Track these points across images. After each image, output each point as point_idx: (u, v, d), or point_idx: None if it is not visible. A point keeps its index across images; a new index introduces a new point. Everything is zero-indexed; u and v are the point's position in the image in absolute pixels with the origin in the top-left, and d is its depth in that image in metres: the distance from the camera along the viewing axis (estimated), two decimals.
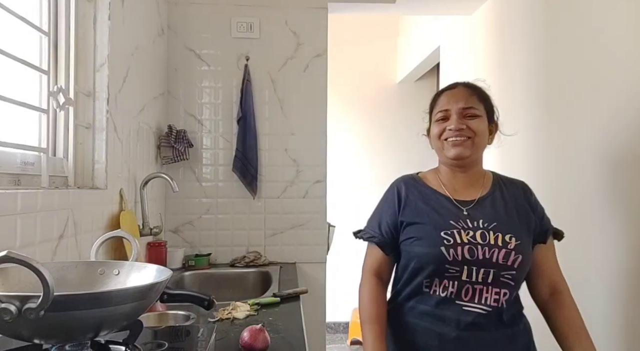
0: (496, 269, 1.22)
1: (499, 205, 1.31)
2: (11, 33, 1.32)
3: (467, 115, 1.29)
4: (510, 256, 1.22)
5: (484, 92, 1.35)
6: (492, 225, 1.26)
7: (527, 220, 1.29)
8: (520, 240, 1.24)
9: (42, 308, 0.69)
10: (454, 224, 1.26)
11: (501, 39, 2.53)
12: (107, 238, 1.15)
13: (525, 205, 1.32)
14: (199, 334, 1.11)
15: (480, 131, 1.29)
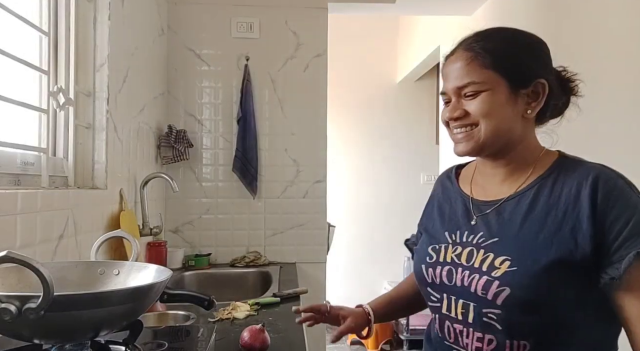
0: (476, 303, 0.85)
1: (523, 209, 0.87)
2: (11, 33, 1.32)
3: (466, 95, 0.90)
4: (491, 287, 0.83)
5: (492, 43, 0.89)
6: (491, 240, 0.88)
7: (560, 236, 0.81)
8: (519, 266, 0.81)
9: (42, 308, 0.69)
10: (447, 236, 0.96)
11: None
12: (107, 238, 1.15)
13: (569, 212, 0.82)
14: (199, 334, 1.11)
15: (484, 112, 0.87)
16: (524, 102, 0.89)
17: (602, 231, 0.78)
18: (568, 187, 0.85)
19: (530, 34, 0.94)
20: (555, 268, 0.79)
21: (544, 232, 0.83)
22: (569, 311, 0.81)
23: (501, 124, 0.88)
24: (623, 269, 0.76)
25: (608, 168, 0.86)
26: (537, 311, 0.80)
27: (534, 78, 0.88)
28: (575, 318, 0.81)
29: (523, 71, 0.88)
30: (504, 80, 0.87)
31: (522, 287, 0.80)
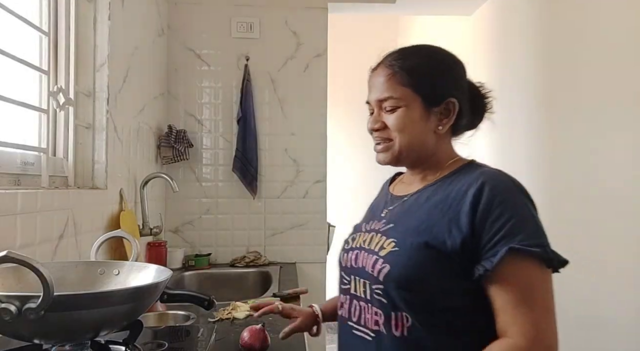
0: (369, 281, 0.93)
1: (419, 203, 0.96)
2: (11, 33, 1.31)
3: (386, 108, 0.97)
4: (377, 264, 0.90)
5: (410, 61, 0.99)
6: (388, 226, 0.97)
7: (440, 225, 0.88)
8: (400, 247, 0.89)
9: (42, 308, 0.69)
10: (363, 226, 1.05)
11: (501, 39, 2.53)
12: (107, 238, 1.15)
13: (453, 208, 0.89)
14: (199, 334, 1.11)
15: (403, 126, 0.95)
16: (436, 118, 0.97)
17: (482, 228, 0.84)
18: (459, 186, 0.91)
19: (448, 53, 1.04)
20: (427, 252, 0.87)
21: (428, 220, 0.91)
22: (440, 295, 0.87)
23: (414, 139, 0.96)
24: (495, 262, 0.81)
25: (503, 174, 0.92)
26: (411, 289, 0.87)
27: (446, 97, 0.96)
28: (448, 303, 0.87)
29: (436, 91, 0.96)
30: (418, 97, 0.95)
31: (398, 265, 0.88)
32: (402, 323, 0.88)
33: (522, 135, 2.27)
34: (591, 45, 1.76)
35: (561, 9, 1.96)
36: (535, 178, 2.14)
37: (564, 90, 1.94)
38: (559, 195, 1.96)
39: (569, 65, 1.90)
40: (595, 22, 1.74)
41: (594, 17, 1.75)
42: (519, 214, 0.85)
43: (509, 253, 0.81)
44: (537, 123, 2.14)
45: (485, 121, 1.06)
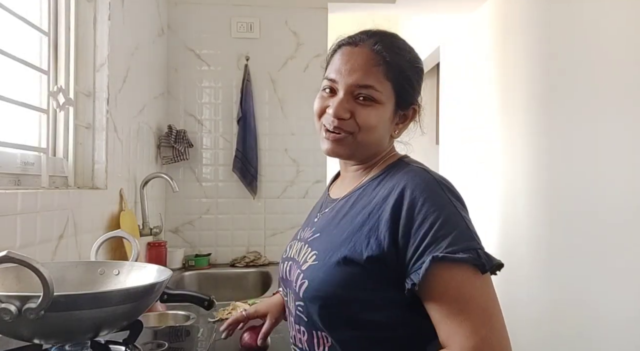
0: (294, 295, 0.88)
1: (345, 209, 0.89)
2: (11, 33, 1.31)
3: (360, 96, 0.86)
4: (299, 279, 0.85)
5: (398, 56, 0.89)
6: (315, 236, 0.90)
7: (358, 235, 0.81)
8: (319, 260, 0.83)
9: (42, 308, 0.69)
10: (299, 232, 0.99)
11: (501, 39, 2.53)
12: (107, 238, 1.15)
13: (374, 214, 0.82)
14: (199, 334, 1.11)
15: (370, 126, 0.86)
16: (396, 122, 0.91)
17: (407, 237, 0.77)
18: (383, 190, 0.84)
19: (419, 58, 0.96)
20: (346, 267, 0.79)
21: (349, 229, 0.83)
22: (361, 310, 0.79)
23: (375, 140, 0.89)
24: (421, 275, 0.74)
25: (424, 172, 0.84)
26: (329, 305, 0.80)
27: (413, 103, 0.91)
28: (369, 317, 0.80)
29: (408, 95, 0.90)
30: (394, 97, 0.88)
31: (315, 280, 0.81)
32: (323, 343, 0.83)
33: (522, 135, 2.27)
34: (591, 45, 1.76)
35: (561, 8, 1.96)
36: (535, 178, 2.14)
37: (564, 89, 1.94)
38: (558, 194, 1.96)
39: (569, 65, 1.90)
40: (596, 22, 1.74)
41: (594, 16, 1.75)
42: (443, 216, 0.76)
43: (433, 263, 0.73)
44: (537, 123, 2.14)
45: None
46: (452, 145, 3.29)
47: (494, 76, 2.60)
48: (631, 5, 1.56)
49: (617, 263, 1.62)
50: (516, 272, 2.29)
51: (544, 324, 2.05)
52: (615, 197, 1.63)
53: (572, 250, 1.87)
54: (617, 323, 1.61)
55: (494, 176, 2.57)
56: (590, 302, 1.74)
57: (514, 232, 2.34)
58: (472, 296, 0.75)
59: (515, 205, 2.33)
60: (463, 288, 0.75)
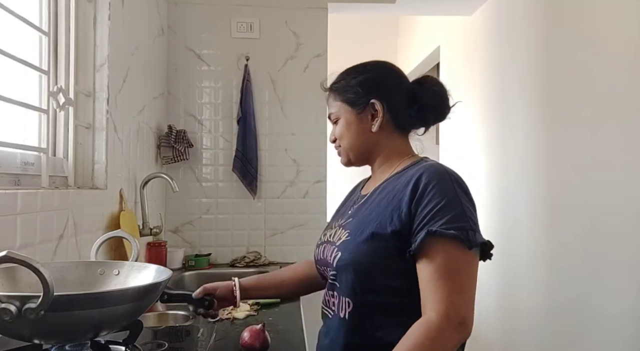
0: (329, 267, 1.07)
1: (373, 198, 1.09)
2: (11, 33, 1.31)
3: (333, 122, 1.17)
4: (332, 252, 1.05)
5: (344, 80, 1.15)
6: (349, 220, 1.10)
7: (385, 215, 1.00)
8: (352, 236, 1.03)
9: (42, 308, 0.69)
10: (334, 223, 1.17)
11: (501, 39, 2.53)
12: (107, 238, 1.15)
13: (396, 197, 1.00)
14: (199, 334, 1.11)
15: (342, 134, 1.13)
16: (367, 120, 1.11)
17: (415, 214, 0.95)
18: (404, 179, 1.03)
19: (379, 66, 1.16)
20: (372, 240, 0.98)
21: (376, 211, 1.03)
22: (381, 276, 0.98)
23: (352, 141, 1.12)
24: (417, 244, 0.93)
25: (441, 166, 1.03)
26: (357, 272, 0.99)
27: (367, 101, 1.10)
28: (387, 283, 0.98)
29: (357, 97, 1.11)
30: (347, 106, 1.12)
31: (347, 251, 1.01)
32: (344, 307, 1.01)
33: (521, 135, 2.27)
34: (591, 45, 1.76)
35: (561, 8, 1.96)
36: (535, 178, 2.14)
37: (563, 90, 1.94)
38: (558, 194, 1.96)
39: (568, 65, 1.90)
40: (595, 22, 1.74)
41: (593, 16, 1.75)
42: (446, 200, 0.94)
43: (427, 235, 0.92)
44: (536, 123, 2.14)
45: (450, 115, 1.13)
46: (452, 145, 3.29)
47: (494, 76, 2.60)
48: (630, 6, 1.56)
49: (617, 263, 1.62)
50: (516, 272, 2.29)
51: (544, 323, 2.05)
52: (615, 197, 1.63)
53: (572, 250, 1.87)
54: (617, 323, 1.61)
55: (494, 176, 2.57)
56: (591, 302, 1.74)
57: (513, 231, 2.34)
58: (454, 267, 0.91)
59: (515, 205, 2.33)
60: (448, 259, 0.91)
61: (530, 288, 2.17)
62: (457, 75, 3.17)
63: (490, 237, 2.64)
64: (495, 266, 2.53)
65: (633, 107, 1.54)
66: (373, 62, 1.17)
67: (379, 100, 1.09)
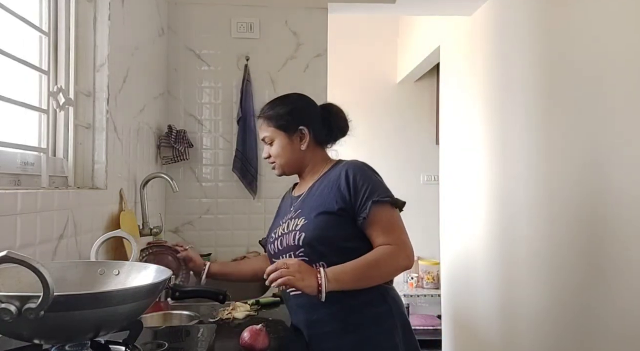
0: (293, 250, 1.37)
1: (312, 192, 1.44)
2: (11, 33, 1.31)
3: (267, 143, 1.50)
4: (296, 236, 1.36)
5: (273, 110, 1.49)
6: (297, 211, 1.43)
7: (329, 200, 1.37)
8: (307, 219, 1.37)
9: (42, 308, 0.69)
10: (280, 221, 1.49)
11: (501, 39, 2.53)
12: (107, 238, 1.15)
13: (334, 187, 1.38)
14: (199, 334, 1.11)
15: (278, 153, 1.48)
16: (297, 141, 1.48)
17: (355, 194, 1.35)
18: (334, 174, 1.43)
19: (297, 97, 1.57)
20: (324, 217, 1.36)
21: (320, 198, 1.40)
22: (341, 240, 1.35)
23: (287, 159, 1.49)
24: (368, 211, 1.33)
25: (358, 161, 1.45)
26: (322, 242, 1.34)
27: (297, 127, 1.47)
28: (347, 244, 1.35)
29: (288, 124, 1.47)
30: (281, 131, 1.48)
31: (308, 230, 1.36)
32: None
33: (521, 134, 2.27)
34: (591, 45, 1.76)
35: (561, 8, 1.96)
36: (534, 177, 2.14)
37: (563, 90, 1.94)
38: (558, 193, 1.96)
39: (568, 65, 1.90)
40: (595, 22, 1.74)
41: (593, 16, 1.75)
42: (372, 182, 1.37)
43: (373, 204, 1.33)
44: (536, 122, 2.14)
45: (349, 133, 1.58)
46: (452, 144, 3.29)
47: (494, 76, 2.60)
48: (630, 6, 1.56)
49: (618, 263, 1.62)
50: (516, 270, 2.29)
51: (544, 323, 2.05)
52: (616, 196, 1.63)
53: (572, 250, 1.87)
54: (618, 323, 1.61)
55: (494, 175, 2.57)
56: (591, 302, 1.74)
57: (513, 230, 2.34)
58: (394, 220, 1.37)
59: (515, 204, 2.33)
60: (389, 217, 1.36)
61: (530, 288, 2.17)
62: (457, 75, 3.17)
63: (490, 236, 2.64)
64: (496, 266, 2.53)
65: (633, 105, 1.54)
66: (295, 95, 1.56)
67: (305, 126, 1.47)
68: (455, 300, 3.17)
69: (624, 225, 1.59)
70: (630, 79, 1.56)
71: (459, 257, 3.08)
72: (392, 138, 4.46)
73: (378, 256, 1.31)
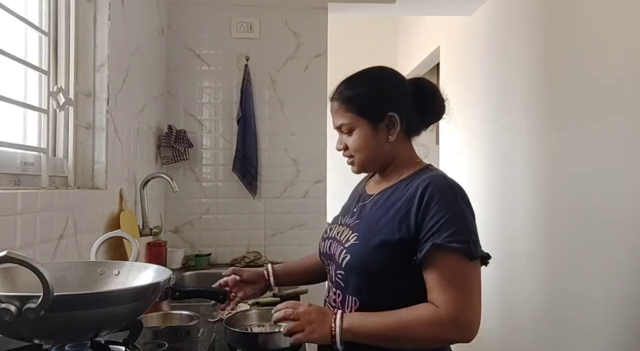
0: (335, 266, 1.14)
1: (380, 202, 1.14)
2: (11, 33, 1.31)
3: (344, 131, 1.17)
4: (342, 254, 1.11)
5: (354, 90, 1.16)
6: (355, 221, 1.16)
7: (392, 223, 1.06)
8: (361, 240, 1.09)
9: (42, 308, 0.69)
10: (340, 219, 1.24)
11: (501, 39, 2.53)
12: (107, 238, 1.15)
13: (404, 207, 1.07)
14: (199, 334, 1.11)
15: (359, 146, 1.14)
16: (384, 131, 1.14)
17: (421, 224, 1.03)
18: (411, 189, 1.08)
19: (382, 73, 1.19)
20: (382, 246, 1.05)
21: (385, 218, 1.09)
22: (387, 279, 1.06)
23: (370, 153, 1.15)
24: (423, 253, 1.00)
25: (446, 178, 1.09)
26: (363, 274, 1.07)
27: (385, 113, 1.13)
28: (392, 285, 1.06)
29: (375, 110, 1.13)
30: (364, 119, 1.14)
31: (356, 255, 1.08)
32: (351, 305, 1.09)
33: (521, 135, 2.27)
34: (591, 44, 1.76)
35: (560, 8, 1.96)
36: (534, 177, 2.14)
37: (563, 90, 1.94)
38: (557, 192, 1.96)
39: (569, 65, 1.90)
40: (595, 22, 1.74)
41: (593, 16, 1.75)
42: (450, 213, 1.01)
43: (432, 247, 0.99)
44: (536, 123, 2.14)
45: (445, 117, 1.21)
46: (452, 144, 3.29)
47: (494, 76, 2.60)
48: (630, 6, 1.56)
49: (619, 263, 1.62)
50: (516, 269, 2.29)
51: (544, 323, 2.05)
52: (616, 197, 1.63)
53: (572, 250, 1.87)
54: (618, 323, 1.61)
55: (494, 175, 2.57)
56: (591, 302, 1.74)
57: (513, 229, 2.34)
58: (460, 276, 1.00)
59: (514, 204, 2.33)
60: (453, 268, 1.00)
61: (530, 288, 2.17)
62: (457, 75, 3.17)
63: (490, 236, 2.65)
64: (496, 267, 2.53)
65: (633, 106, 1.54)
66: (377, 68, 1.20)
67: (395, 112, 1.13)
68: None
69: (623, 226, 1.59)
70: (631, 79, 1.56)
71: None
72: None
73: (412, 317, 0.99)
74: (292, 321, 1.02)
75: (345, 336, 1.00)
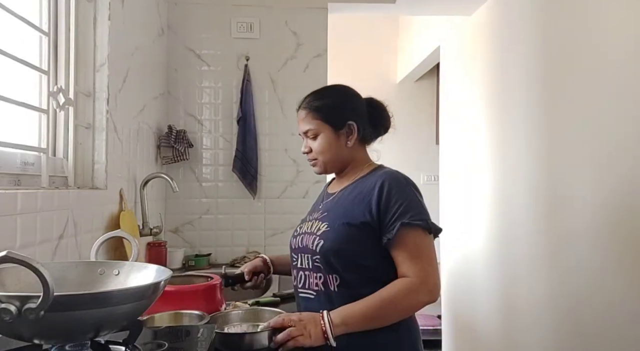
0: (310, 254, 1.30)
1: (344, 196, 1.34)
2: (11, 33, 1.31)
3: (309, 137, 1.36)
4: (315, 241, 1.28)
5: (321, 101, 1.35)
6: (324, 214, 1.34)
7: (357, 210, 1.26)
8: (332, 227, 1.27)
9: (42, 308, 0.69)
10: (308, 217, 1.43)
11: (501, 39, 2.53)
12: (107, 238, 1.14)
13: (365, 197, 1.26)
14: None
15: (322, 149, 1.34)
16: (344, 137, 1.35)
17: (385, 210, 1.23)
18: (369, 183, 1.30)
19: (346, 89, 1.41)
20: (348, 229, 1.25)
21: (349, 207, 1.29)
22: (360, 257, 1.25)
23: (332, 156, 1.36)
24: (394, 233, 1.21)
25: (396, 172, 1.32)
26: (338, 255, 1.25)
27: (346, 122, 1.34)
28: (366, 262, 1.25)
29: (338, 118, 1.34)
30: (328, 125, 1.34)
31: (329, 239, 1.26)
32: (333, 282, 1.26)
33: (522, 134, 2.27)
34: (591, 45, 1.76)
35: (560, 9, 1.96)
36: (534, 176, 2.14)
37: (564, 90, 1.94)
38: (559, 193, 1.96)
39: (569, 65, 1.90)
40: (595, 22, 1.74)
41: (594, 17, 1.75)
42: (407, 200, 1.23)
43: (401, 226, 1.20)
44: (537, 122, 2.14)
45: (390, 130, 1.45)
46: (451, 144, 3.29)
47: (494, 76, 2.60)
48: (631, 6, 1.56)
49: (619, 263, 1.62)
50: (515, 268, 2.29)
51: (545, 323, 2.05)
52: (616, 197, 1.63)
53: (572, 250, 1.87)
54: (618, 323, 1.61)
55: (494, 175, 2.57)
56: (591, 302, 1.74)
57: (514, 230, 2.34)
58: (423, 247, 1.22)
59: (515, 204, 2.33)
60: (417, 242, 1.22)
61: (530, 288, 2.17)
62: (457, 75, 3.17)
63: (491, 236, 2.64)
64: (496, 266, 2.53)
65: (634, 105, 1.54)
66: (340, 85, 1.42)
67: (354, 122, 1.34)
68: (455, 300, 3.17)
69: (624, 226, 1.59)
70: (631, 79, 1.56)
71: (459, 256, 3.08)
72: (392, 138, 4.44)
73: (394, 292, 1.18)
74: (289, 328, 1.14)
75: (337, 330, 1.15)
